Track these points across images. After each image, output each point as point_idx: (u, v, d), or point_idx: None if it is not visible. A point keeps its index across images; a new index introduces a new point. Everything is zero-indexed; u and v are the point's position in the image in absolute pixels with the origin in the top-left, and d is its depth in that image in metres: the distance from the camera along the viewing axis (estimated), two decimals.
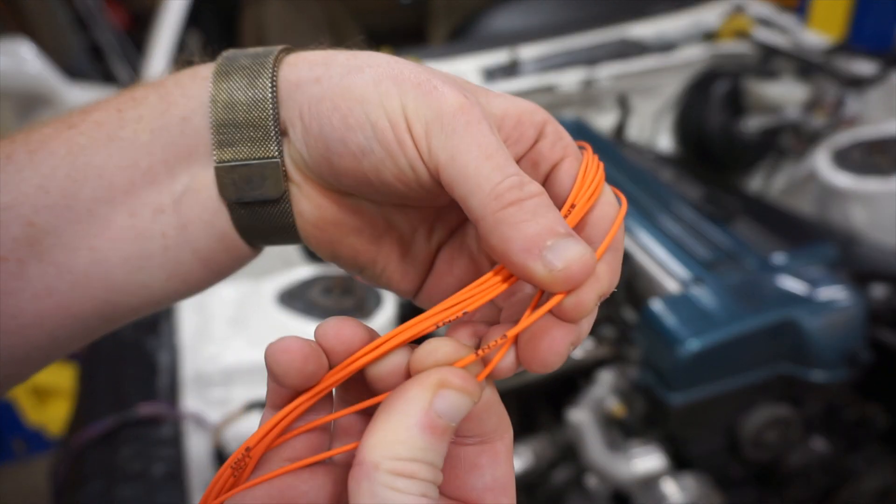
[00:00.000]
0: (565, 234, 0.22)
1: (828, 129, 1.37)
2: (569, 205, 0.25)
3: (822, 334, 0.82)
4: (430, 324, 0.23)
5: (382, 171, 0.25)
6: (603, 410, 0.93)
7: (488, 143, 0.23)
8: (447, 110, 0.24)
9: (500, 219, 0.22)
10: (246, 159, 0.27)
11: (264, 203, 0.28)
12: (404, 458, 0.20)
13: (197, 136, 0.27)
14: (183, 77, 0.28)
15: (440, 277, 0.31)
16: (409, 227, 0.30)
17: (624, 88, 1.57)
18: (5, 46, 1.32)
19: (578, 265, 0.22)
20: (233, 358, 0.98)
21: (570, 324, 0.23)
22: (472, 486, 0.24)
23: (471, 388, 0.22)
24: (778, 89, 1.45)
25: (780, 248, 0.94)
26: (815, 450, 0.91)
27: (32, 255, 0.25)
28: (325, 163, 0.26)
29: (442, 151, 0.24)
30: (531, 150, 0.27)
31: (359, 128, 0.25)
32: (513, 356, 0.24)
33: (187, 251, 0.28)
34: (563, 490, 0.96)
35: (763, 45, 1.58)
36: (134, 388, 0.94)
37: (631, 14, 1.73)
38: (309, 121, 0.26)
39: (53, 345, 0.27)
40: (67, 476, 0.86)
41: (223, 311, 1.07)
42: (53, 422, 1.95)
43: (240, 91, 0.27)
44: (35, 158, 0.26)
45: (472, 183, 0.23)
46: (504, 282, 0.24)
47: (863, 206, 1.16)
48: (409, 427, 0.21)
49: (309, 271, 1.13)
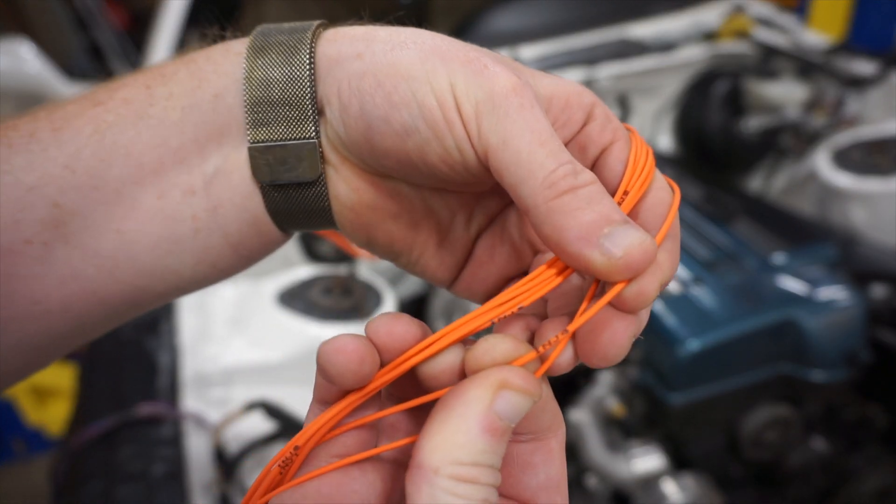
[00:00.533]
0: (622, 222, 0.21)
1: (828, 129, 1.36)
2: (622, 191, 0.24)
3: (822, 334, 0.82)
4: (486, 320, 0.22)
5: (427, 153, 0.24)
6: (603, 410, 0.93)
7: (542, 129, 0.22)
8: (499, 91, 0.23)
9: (554, 208, 0.21)
10: (281, 140, 0.26)
11: (299, 186, 0.27)
12: (465, 462, 0.20)
13: (230, 114, 0.26)
14: (215, 52, 0.27)
15: (480, 266, 0.30)
16: (447, 213, 0.29)
17: (624, 88, 1.57)
18: (5, 46, 1.32)
19: (639, 252, 0.21)
20: (233, 358, 0.98)
21: (630, 315, 0.22)
22: (526, 485, 0.24)
23: (532, 388, 0.21)
24: (778, 89, 1.45)
25: (780, 248, 0.94)
26: (815, 450, 0.91)
27: (58, 237, 0.24)
28: (366, 143, 0.25)
29: (493, 134, 0.23)
30: (579, 133, 0.26)
31: (404, 106, 0.24)
32: (571, 351, 0.23)
33: (218, 235, 0.27)
34: None
35: (763, 45, 1.58)
36: (134, 388, 0.94)
37: (631, 14, 1.73)
38: (349, 98, 0.25)
39: (78, 331, 0.26)
40: (67, 476, 0.86)
41: (223, 311, 1.07)
42: (53, 422, 1.95)
43: (276, 68, 0.25)
44: (60, 137, 0.25)
45: (525, 170, 0.22)
46: (559, 275, 0.23)
47: (863, 206, 1.16)
48: (470, 430, 0.20)
49: (309, 271, 1.13)
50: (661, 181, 0.25)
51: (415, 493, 0.19)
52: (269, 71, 0.25)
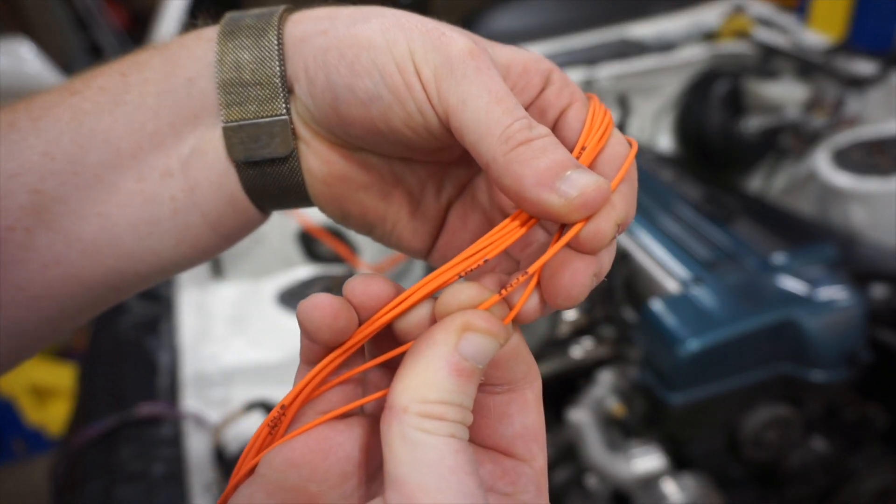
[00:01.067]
0: (576, 167, 0.23)
1: (828, 129, 1.36)
2: (579, 147, 0.25)
3: (822, 334, 0.82)
4: (453, 273, 0.23)
5: (391, 118, 0.25)
6: (603, 410, 0.93)
7: (498, 88, 0.24)
8: (456, 55, 0.24)
9: (512, 159, 0.22)
10: (254, 118, 0.27)
11: (273, 162, 0.28)
12: (432, 400, 0.20)
13: (203, 97, 0.27)
14: (187, 39, 0.28)
15: (453, 234, 0.31)
16: (417, 183, 0.30)
17: (624, 88, 1.57)
18: (5, 46, 1.32)
19: (594, 191, 0.22)
20: (233, 358, 0.98)
21: (590, 255, 0.23)
22: (503, 435, 0.24)
23: (496, 329, 0.22)
24: (778, 89, 1.45)
25: (780, 248, 0.94)
26: (815, 450, 0.91)
27: (40, 223, 0.25)
28: (333, 113, 0.26)
29: (452, 95, 0.24)
30: (538, 98, 0.27)
31: (366, 74, 0.25)
32: (537, 298, 0.24)
33: (196, 215, 0.28)
34: (563, 490, 0.96)
35: (763, 45, 1.58)
36: (134, 388, 0.94)
37: (631, 14, 1.72)
38: (315, 72, 0.26)
39: (63, 316, 0.27)
40: (67, 476, 0.86)
41: (223, 311, 1.07)
42: (53, 422, 1.95)
43: (245, 50, 0.27)
44: (39, 125, 0.25)
45: (483, 127, 0.23)
46: (522, 226, 0.24)
47: (863, 206, 1.16)
48: (436, 370, 0.21)
49: (309, 271, 1.13)
50: (619, 138, 0.26)
51: (386, 432, 0.20)
52: (239, 53, 0.27)
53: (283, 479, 0.23)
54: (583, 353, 1.01)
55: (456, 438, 0.20)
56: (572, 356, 1.01)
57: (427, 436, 0.20)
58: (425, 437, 0.20)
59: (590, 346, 1.02)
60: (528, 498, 0.24)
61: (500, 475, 0.24)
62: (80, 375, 1.06)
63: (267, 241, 1.29)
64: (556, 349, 1.02)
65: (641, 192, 1.10)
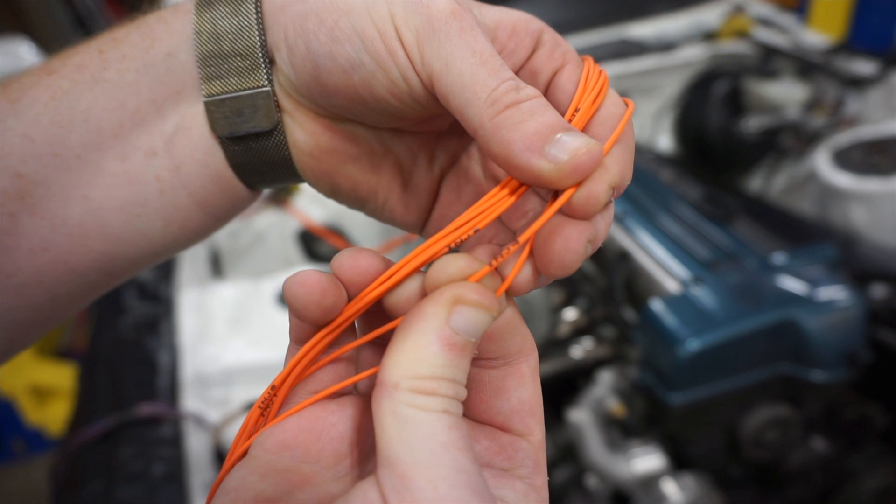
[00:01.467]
0: (566, 129, 0.21)
1: (828, 129, 1.36)
2: (572, 109, 0.24)
3: (822, 334, 0.82)
4: (443, 245, 0.22)
5: (374, 85, 0.24)
6: (603, 410, 0.93)
7: (482, 49, 0.22)
8: (438, 15, 0.23)
9: (499, 123, 0.21)
10: (235, 91, 0.26)
11: (258, 136, 0.27)
12: (423, 375, 0.20)
13: (184, 71, 0.26)
14: (165, 13, 0.27)
15: (448, 207, 0.30)
16: (408, 154, 0.29)
17: (624, 88, 1.57)
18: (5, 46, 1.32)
19: (585, 154, 0.21)
20: (233, 358, 0.98)
21: (584, 221, 0.22)
22: (499, 410, 0.24)
23: (487, 301, 0.21)
24: (778, 89, 1.45)
25: (780, 248, 0.94)
26: (815, 450, 0.91)
27: (24, 208, 0.25)
28: (315, 83, 0.25)
29: (435, 59, 0.23)
30: (529, 60, 0.26)
31: (346, 40, 0.24)
32: (530, 268, 0.23)
33: (183, 194, 0.27)
34: (563, 490, 0.96)
35: (763, 45, 1.58)
36: (134, 388, 0.94)
37: (631, 14, 1.72)
38: (294, 40, 0.25)
39: (54, 304, 0.27)
40: (67, 476, 0.86)
41: (223, 311, 1.07)
42: (53, 422, 1.95)
43: (223, 20, 0.26)
44: (17, 107, 0.25)
45: (469, 91, 0.22)
46: (512, 194, 0.23)
47: (863, 206, 1.16)
48: (427, 345, 0.20)
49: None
50: (614, 97, 0.25)
51: (377, 409, 0.20)
52: (217, 24, 0.26)
53: (276, 461, 0.23)
54: (583, 353, 1.01)
55: (449, 414, 0.19)
56: (572, 356, 1.01)
57: (419, 412, 0.19)
58: (417, 413, 0.19)
59: (590, 346, 1.02)
60: (526, 473, 0.23)
61: (496, 451, 0.24)
62: (80, 375, 1.06)
63: (267, 241, 1.29)
64: (556, 349, 1.02)
65: (642, 191, 1.10)
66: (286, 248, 1.28)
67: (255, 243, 1.29)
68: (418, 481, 0.18)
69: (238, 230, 1.26)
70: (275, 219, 1.31)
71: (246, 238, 1.29)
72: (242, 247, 1.28)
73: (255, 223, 1.29)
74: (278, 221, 1.31)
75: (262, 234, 1.30)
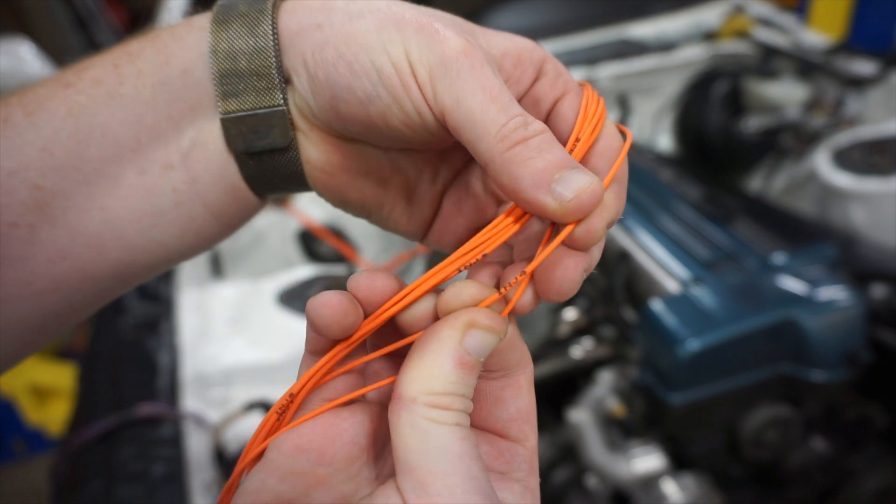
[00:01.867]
0: (571, 167, 0.23)
1: (828, 129, 1.36)
2: (573, 139, 0.26)
3: (822, 334, 0.82)
4: (453, 269, 0.25)
5: (389, 117, 0.26)
6: (603, 410, 0.93)
7: (492, 86, 0.24)
8: (450, 54, 0.24)
9: (509, 159, 0.23)
10: (252, 109, 0.27)
11: (272, 152, 0.28)
12: (439, 392, 0.22)
13: (199, 88, 0.27)
14: (178, 28, 0.27)
15: (448, 219, 0.32)
16: (414, 170, 0.31)
17: (624, 88, 1.57)
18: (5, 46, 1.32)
19: (587, 194, 0.23)
20: (233, 358, 0.98)
21: (581, 252, 0.24)
22: (498, 418, 0.26)
23: (497, 326, 0.23)
24: (778, 89, 1.45)
25: (780, 248, 0.94)
26: (815, 450, 0.91)
27: (43, 219, 0.25)
28: (332, 110, 0.26)
29: (447, 96, 0.24)
30: (532, 87, 0.28)
31: (364, 74, 0.25)
32: (531, 291, 0.25)
33: (199, 205, 0.28)
34: (563, 490, 0.96)
35: (763, 45, 1.58)
36: (134, 388, 0.94)
37: (631, 14, 1.73)
38: (314, 69, 0.26)
39: (70, 309, 0.27)
40: (67, 476, 0.86)
41: (223, 311, 1.07)
42: (53, 422, 1.95)
43: (240, 39, 0.26)
44: (35, 120, 0.25)
45: (479, 127, 0.23)
46: (516, 221, 0.25)
47: (863, 206, 1.16)
48: (443, 364, 0.22)
49: (309, 271, 1.13)
50: (611, 128, 0.27)
51: (395, 421, 0.22)
52: (234, 42, 0.26)
53: (293, 464, 0.24)
54: (583, 353, 1.01)
55: (460, 426, 0.22)
56: (572, 356, 1.01)
57: (434, 425, 0.21)
58: (433, 426, 0.21)
59: (590, 346, 1.02)
60: (522, 476, 0.26)
61: (495, 455, 0.25)
62: (80, 375, 1.06)
63: (267, 241, 1.29)
64: (556, 349, 1.02)
65: (641, 191, 1.10)
66: (286, 248, 1.28)
67: (255, 243, 1.29)
68: (436, 486, 0.20)
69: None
70: (275, 219, 1.31)
71: (246, 238, 1.29)
72: (242, 247, 1.28)
73: (255, 223, 1.29)
74: (278, 221, 1.31)
75: (262, 234, 1.30)
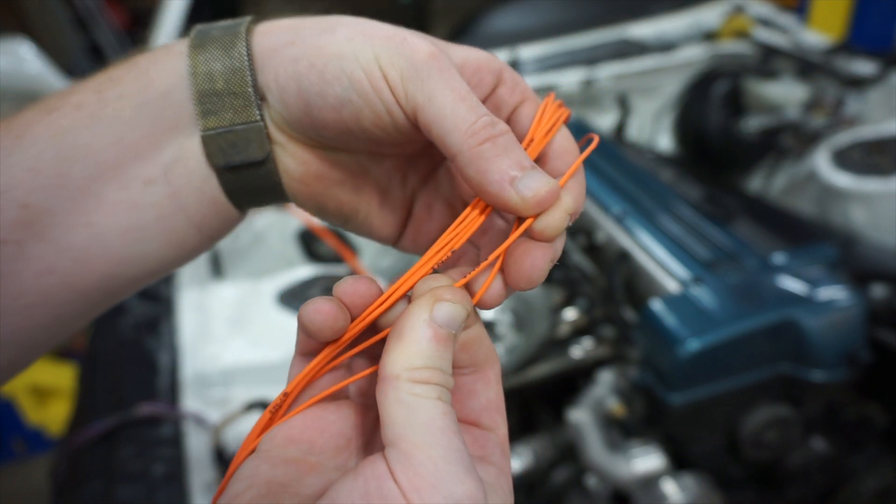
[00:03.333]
0: (531, 168, 0.26)
1: (828, 129, 1.36)
2: (528, 140, 0.29)
3: (822, 334, 0.82)
4: (428, 268, 0.27)
5: (361, 119, 0.27)
6: (603, 410, 0.93)
7: (461, 87, 0.26)
8: (420, 58, 0.27)
9: (477, 154, 0.25)
10: (230, 125, 0.28)
11: (251, 165, 0.29)
12: (419, 366, 0.23)
13: (180, 108, 0.28)
14: (157, 53, 0.29)
15: (420, 222, 0.34)
16: (384, 176, 0.33)
17: (624, 88, 1.57)
18: (5, 46, 1.32)
19: (545, 192, 0.25)
20: (233, 358, 0.98)
21: (546, 243, 0.27)
22: (472, 409, 0.28)
23: (460, 297, 0.25)
24: (778, 89, 1.45)
25: (780, 248, 0.94)
26: (815, 450, 0.91)
27: (30, 235, 0.27)
28: (307, 118, 0.28)
29: (419, 94, 0.26)
30: (492, 95, 0.30)
31: (335, 81, 0.27)
32: (500, 282, 0.27)
33: (181, 218, 0.30)
34: (563, 490, 0.96)
35: (763, 45, 1.58)
36: (134, 388, 0.94)
37: (631, 14, 1.73)
38: (286, 81, 0.28)
39: (58, 323, 0.29)
40: (67, 476, 0.86)
41: (223, 311, 1.07)
42: (53, 422, 1.95)
43: (217, 62, 0.28)
44: (22, 143, 0.27)
45: (450, 122, 0.26)
46: (481, 214, 0.27)
47: (863, 206, 1.16)
48: (419, 339, 0.24)
49: (309, 271, 1.13)
50: (566, 133, 0.29)
51: (383, 400, 0.23)
52: (211, 65, 0.28)
53: (285, 453, 0.26)
54: (583, 353, 1.01)
55: (442, 401, 0.23)
56: (572, 356, 1.01)
57: (418, 399, 0.23)
58: (417, 400, 0.23)
59: (590, 346, 1.02)
60: (496, 460, 0.27)
61: (471, 442, 0.28)
62: (80, 375, 1.06)
63: (267, 241, 1.29)
64: (556, 349, 1.02)
65: (642, 191, 1.10)
66: (286, 248, 1.28)
67: (255, 243, 1.29)
68: (420, 457, 0.22)
69: (238, 230, 1.26)
70: (275, 219, 1.31)
71: (246, 238, 1.29)
72: (242, 247, 1.28)
73: (255, 223, 1.29)
74: (278, 221, 1.31)
75: (262, 234, 1.30)
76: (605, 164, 1.19)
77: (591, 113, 1.60)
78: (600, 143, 0.30)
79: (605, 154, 1.23)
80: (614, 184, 1.12)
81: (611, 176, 1.15)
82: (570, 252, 1.07)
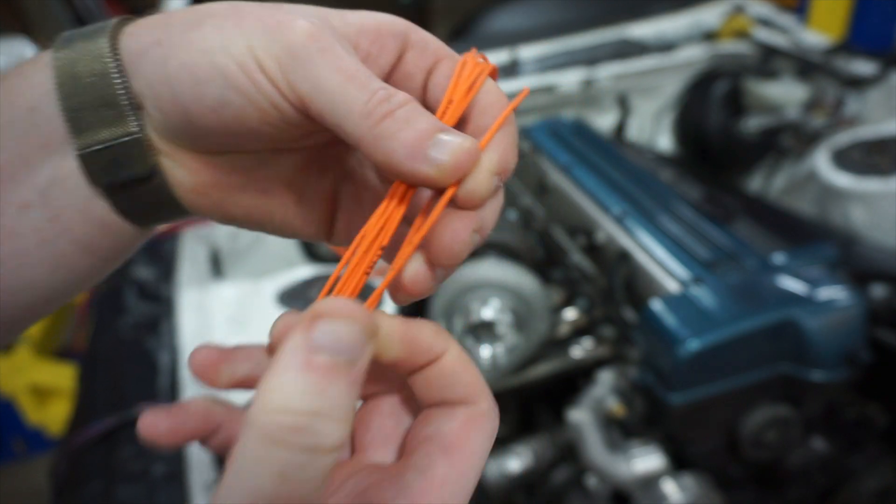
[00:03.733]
0: (441, 131, 0.23)
1: (828, 129, 1.36)
2: (446, 102, 0.25)
3: (822, 334, 0.82)
4: (360, 274, 0.24)
5: (246, 119, 0.24)
6: (603, 410, 0.93)
7: (347, 65, 0.23)
8: (297, 40, 0.23)
9: (378, 134, 0.23)
10: (106, 141, 0.25)
11: (138, 181, 0.26)
12: (276, 410, 0.17)
13: (49, 125, 0.26)
14: (25, 67, 0.26)
15: (351, 214, 0.31)
16: (294, 172, 0.30)
17: (624, 88, 1.57)
18: (5, 46, 1.32)
19: (462, 153, 0.22)
20: None
21: (470, 211, 0.24)
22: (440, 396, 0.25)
23: (347, 310, 0.19)
24: (778, 89, 1.45)
25: (780, 248, 0.94)
26: (815, 450, 0.91)
27: None
28: (187, 125, 0.25)
29: (302, 83, 0.23)
30: (400, 62, 0.27)
31: (209, 80, 0.24)
32: (420, 261, 0.24)
33: (66, 242, 0.27)
34: (563, 490, 0.96)
35: (763, 45, 1.58)
36: (134, 388, 0.94)
37: (631, 14, 1.73)
38: (159, 87, 0.25)
39: None
40: (67, 476, 0.86)
41: (223, 311, 1.07)
42: (53, 422, 1.95)
43: (82, 70, 0.25)
44: None
45: (342, 108, 0.23)
46: (402, 200, 0.24)
47: (863, 206, 1.16)
48: (285, 372, 0.18)
49: (309, 271, 1.13)
50: (492, 85, 0.26)
51: (232, 451, 0.18)
52: (76, 75, 0.25)
53: None
54: (583, 353, 1.01)
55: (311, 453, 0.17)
56: (572, 356, 1.01)
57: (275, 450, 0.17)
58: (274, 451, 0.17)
59: (590, 346, 1.02)
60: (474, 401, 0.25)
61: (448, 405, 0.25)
62: (80, 375, 1.06)
63: (267, 241, 1.29)
64: (556, 349, 1.02)
65: (642, 191, 1.10)
66: (286, 248, 1.28)
67: (255, 243, 1.29)
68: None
69: (238, 230, 1.26)
70: None
71: (246, 238, 1.29)
72: (242, 247, 1.28)
73: None
74: None
75: (263, 234, 1.30)
76: (605, 164, 1.19)
77: (591, 113, 1.60)
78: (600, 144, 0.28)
79: (606, 154, 1.23)
80: (614, 184, 1.12)
81: (611, 176, 1.15)
82: (570, 252, 1.07)
